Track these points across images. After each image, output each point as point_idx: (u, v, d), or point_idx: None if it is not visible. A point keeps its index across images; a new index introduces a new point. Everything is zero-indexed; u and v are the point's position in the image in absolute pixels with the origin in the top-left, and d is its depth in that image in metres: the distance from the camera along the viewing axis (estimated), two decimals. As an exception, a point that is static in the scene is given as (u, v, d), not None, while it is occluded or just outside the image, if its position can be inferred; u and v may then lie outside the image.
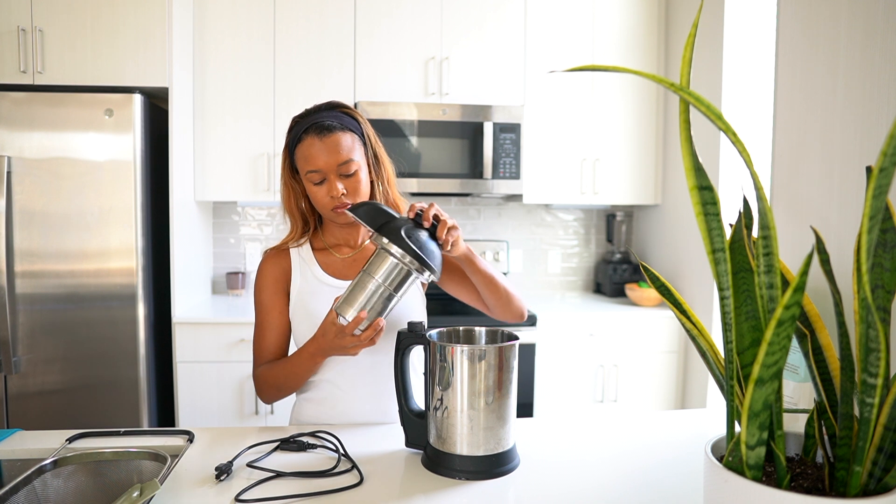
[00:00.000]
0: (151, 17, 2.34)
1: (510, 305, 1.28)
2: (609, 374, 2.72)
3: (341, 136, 1.20)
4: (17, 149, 2.22)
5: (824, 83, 0.92)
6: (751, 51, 2.50)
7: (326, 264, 1.30)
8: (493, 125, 2.74)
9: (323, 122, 1.20)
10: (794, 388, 0.92)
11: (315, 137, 1.19)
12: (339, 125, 1.21)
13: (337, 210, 1.21)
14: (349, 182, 1.21)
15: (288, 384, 1.23)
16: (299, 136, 1.21)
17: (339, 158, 1.18)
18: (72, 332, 2.29)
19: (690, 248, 2.79)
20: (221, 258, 3.09)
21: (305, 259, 1.30)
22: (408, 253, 1.02)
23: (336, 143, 1.19)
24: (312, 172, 1.20)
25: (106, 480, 1.09)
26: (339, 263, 1.31)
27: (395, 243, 1.02)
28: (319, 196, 1.21)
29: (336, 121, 1.21)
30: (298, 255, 1.31)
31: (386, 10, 2.75)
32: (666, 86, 0.58)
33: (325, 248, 1.33)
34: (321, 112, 1.23)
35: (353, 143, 1.22)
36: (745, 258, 0.71)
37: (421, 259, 1.03)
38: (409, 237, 1.03)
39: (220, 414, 2.48)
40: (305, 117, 1.23)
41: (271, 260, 1.31)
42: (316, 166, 1.19)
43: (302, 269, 1.29)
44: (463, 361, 0.98)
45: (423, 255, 1.03)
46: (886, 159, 0.52)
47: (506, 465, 1.00)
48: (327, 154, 1.18)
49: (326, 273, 1.29)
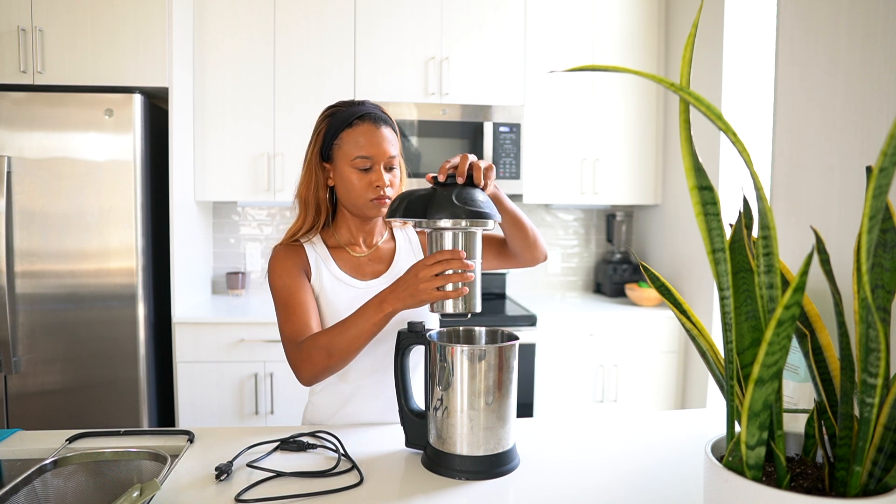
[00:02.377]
0: (151, 17, 2.34)
1: (536, 245, 1.28)
2: (609, 374, 2.72)
3: (393, 132, 1.24)
4: (17, 149, 2.22)
5: (824, 83, 0.92)
6: (751, 51, 2.50)
7: (342, 262, 1.27)
8: (493, 125, 2.74)
9: (377, 112, 1.22)
10: (794, 388, 0.92)
11: (372, 125, 1.20)
12: (389, 120, 1.24)
13: (376, 201, 1.20)
14: (392, 177, 1.22)
15: (343, 345, 1.08)
16: (351, 121, 1.20)
17: (389, 151, 1.21)
18: (72, 332, 2.29)
19: (690, 248, 2.79)
20: (221, 258, 3.09)
21: (321, 255, 1.26)
22: (462, 218, 1.01)
23: (391, 135, 1.23)
24: (362, 158, 1.19)
25: (106, 480, 1.09)
26: (355, 262, 1.28)
27: (449, 217, 1.01)
28: (361, 185, 1.19)
29: (386, 115, 1.24)
30: (313, 250, 1.26)
31: (386, 10, 2.75)
32: (666, 86, 0.58)
33: (338, 245, 1.29)
34: (366, 104, 1.24)
35: (397, 141, 1.25)
36: (745, 258, 0.71)
37: (477, 214, 1.01)
38: (458, 200, 1.01)
39: (220, 414, 2.48)
40: (352, 105, 1.23)
41: (286, 251, 1.24)
42: (369, 153, 1.19)
43: (318, 265, 1.24)
44: (463, 361, 0.98)
45: (477, 211, 1.02)
46: (886, 159, 0.52)
47: (506, 465, 1.00)
48: (382, 143, 1.20)
49: (343, 271, 1.26)
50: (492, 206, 1.05)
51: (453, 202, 1.01)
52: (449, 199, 1.02)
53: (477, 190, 1.05)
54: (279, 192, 2.73)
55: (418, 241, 1.38)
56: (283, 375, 2.49)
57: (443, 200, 1.02)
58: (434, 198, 1.03)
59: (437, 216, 1.02)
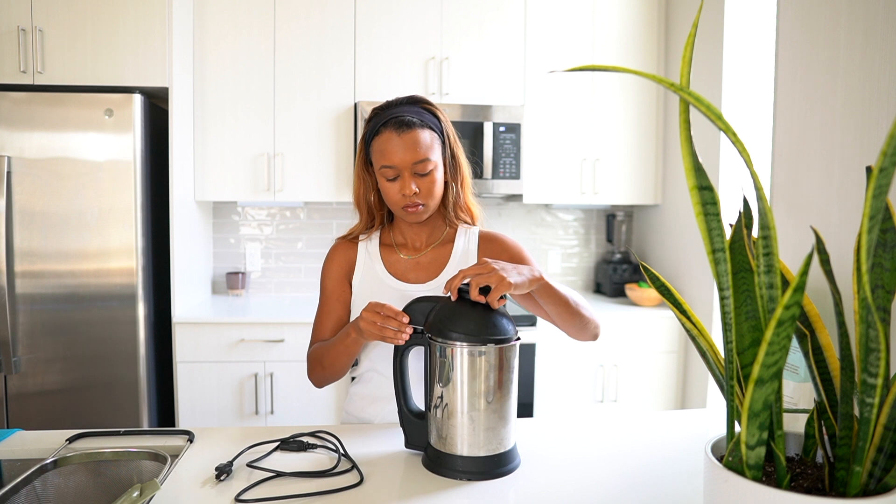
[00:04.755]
0: (151, 17, 2.34)
1: (585, 329, 1.21)
2: (609, 374, 2.72)
3: (420, 133, 1.16)
4: (17, 149, 2.22)
5: (824, 83, 0.92)
6: (751, 50, 2.50)
7: (390, 262, 1.28)
8: (493, 125, 2.74)
9: (403, 116, 1.16)
10: (794, 388, 0.92)
11: (393, 132, 1.15)
12: (419, 121, 1.17)
13: (408, 209, 1.19)
14: (423, 181, 1.18)
15: (329, 360, 1.18)
16: (377, 128, 1.18)
17: (415, 156, 1.15)
18: (72, 332, 2.29)
19: (690, 248, 2.79)
20: (221, 258, 3.09)
21: (371, 254, 1.29)
22: (483, 343, 0.96)
23: (414, 139, 1.15)
24: (387, 168, 1.17)
25: (106, 480, 1.09)
26: (401, 263, 1.28)
27: (467, 342, 0.96)
28: (392, 193, 1.19)
29: (417, 116, 1.17)
30: (366, 248, 1.30)
31: (386, 9, 2.75)
32: (666, 86, 0.58)
33: (391, 244, 1.30)
34: (402, 106, 1.19)
35: (432, 142, 1.18)
36: (745, 258, 0.71)
37: (493, 341, 0.97)
38: (473, 332, 0.96)
39: (220, 414, 2.48)
40: (386, 109, 1.19)
41: (341, 248, 1.30)
42: (391, 162, 1.16)
43: (365, 264, 1.28)
44: (463, 361, 0.98)
45: (493, 337, 0.97)
46: (886, 159, 0.52)
47: (506, 465, 1.00)
48: (404, 150, 1.15)
49: (388, 272, 1.27)
50: (507, 328, 0.99)
51: (467, 333, 0.97)
52: (461, 331, 0.97)
53: (489, 314, 0.99)
54: (279, 192, 2.73)
55: (476, 251, 1.30)
56: (283, 375, 2.49)
57: (450, 327, 0.98)
58: (446, 323, 0.99)
59: (448, 338, 0.98)
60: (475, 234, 1.31)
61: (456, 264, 1.27)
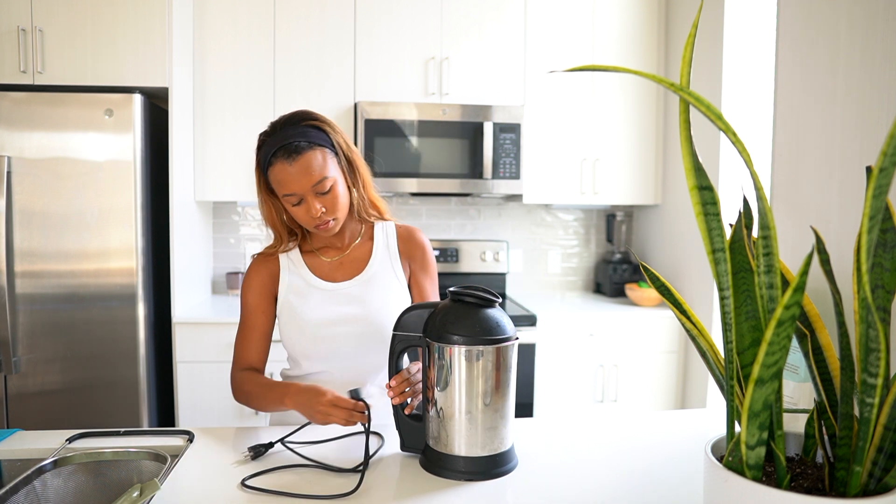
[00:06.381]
0: (151, 17, 2.34)
1: None
2: (609, 374, 2.72)
3: (311, 156, 1.16)
4: (17, 149, 2.22)
5: (824, 83, 0.92)
6: (751, 50, 2.50)
7: (314, 266, 1.32)
8: (493, 125, 2.74)
9: (290, 143, 1.15)
10: (794, 388, 0.92)
11: (284, 161, 1.15)
12: (306, 144, 1.16)
13: (320, 227, 1.21)
14: (326, 199, 1.19)
15: (257, 405, 1.23)
16: (269, 159, 1.18)
17: (311, 179, 1.16)
18: (72, 332, 2.29)
19: (690, 248, 2.79)
20: (221, 258, 3.09)
21: (294, 261, 1.32)
22: (481, 344, 0.98)
23: (307, 164, 1.15)
24: (288, 196, 1.19)
25: (106, 480, 1.09)
26: (326, 266, 1.33)
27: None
28: (300, 215, 1.21)
29: (303, 139, 1.16)
30: (288, 258, 1.33)
31: (386, 9, 2.75)
32: (666, 86, 0.58)
33: (312, 250, 1.34)
34: (287, 128, 1.18)
35: (325, 160, 1.18)
36: (745, 258, 0.71)
37: (491, 341, 0.99)
38: (471, 332, 0.99)
39: (220, 414, 2.48)
40: (272, 135, 1.19)
41: (261, 263, 1.32)
42: (290, 190, 1.17)
43: (290, 272, 1.31)
44: (461, 361, 0.98)
45: (490, 337, 0.99)
46: (886, 159, 0.52)
47: (504, 465, 1.00)
48: (300, 177, 1.15)
49: (314, 275, 1.31)
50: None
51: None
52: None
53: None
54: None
55: (396, 246, 1.35)
56: (283, 375, 2.49)
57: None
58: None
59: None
60: (392, 228, 1.37)
61: (379, 259, 1.33)
